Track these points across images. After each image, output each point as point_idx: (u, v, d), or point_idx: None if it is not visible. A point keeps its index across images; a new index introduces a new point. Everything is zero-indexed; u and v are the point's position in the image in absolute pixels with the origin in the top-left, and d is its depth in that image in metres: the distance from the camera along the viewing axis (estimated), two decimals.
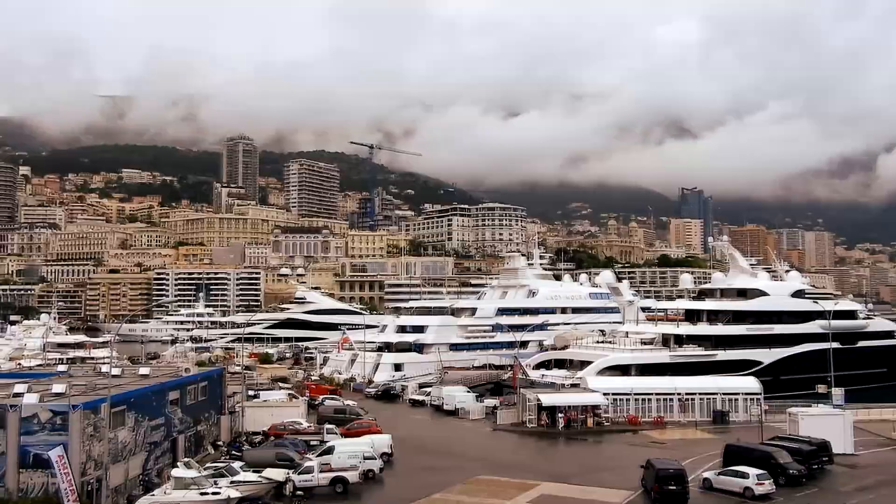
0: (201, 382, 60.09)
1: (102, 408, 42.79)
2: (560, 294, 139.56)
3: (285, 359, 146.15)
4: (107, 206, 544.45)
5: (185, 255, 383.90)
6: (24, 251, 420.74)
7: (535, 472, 53.21)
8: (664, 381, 78.23)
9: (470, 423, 75.49)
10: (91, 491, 41.19)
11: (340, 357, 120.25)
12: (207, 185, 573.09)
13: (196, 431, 57.38)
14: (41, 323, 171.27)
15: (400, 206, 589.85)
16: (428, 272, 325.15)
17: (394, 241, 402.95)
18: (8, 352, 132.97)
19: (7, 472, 39.68)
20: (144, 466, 47.67)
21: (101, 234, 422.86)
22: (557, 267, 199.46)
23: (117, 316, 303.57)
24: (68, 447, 39.77)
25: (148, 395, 50.08)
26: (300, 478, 47.89)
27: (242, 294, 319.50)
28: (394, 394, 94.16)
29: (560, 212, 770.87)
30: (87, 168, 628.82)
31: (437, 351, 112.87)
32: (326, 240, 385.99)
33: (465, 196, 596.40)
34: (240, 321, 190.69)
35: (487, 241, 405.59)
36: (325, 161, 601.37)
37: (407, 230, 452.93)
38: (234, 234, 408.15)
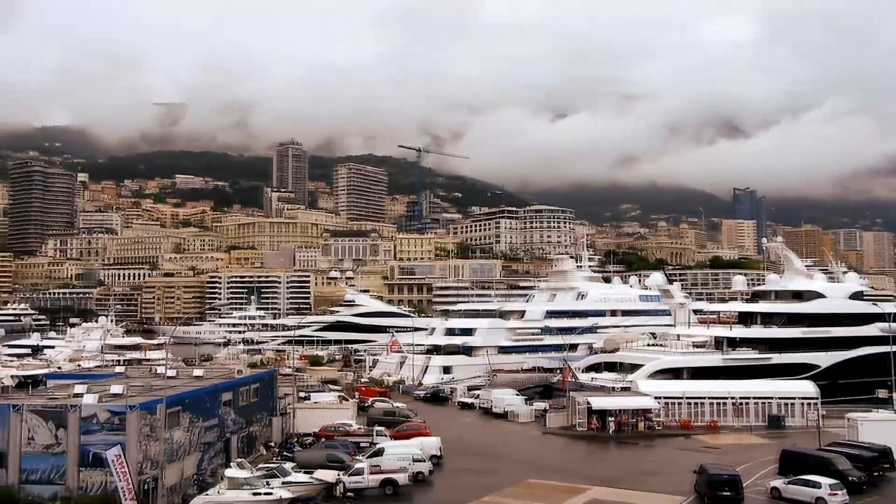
0: (253, 384, 60.89)
1: (158, 408, 43.62)
2: (610, 296, 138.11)
3: (335, 361, 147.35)
4: (161, 211, 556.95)
5: (237, 258, 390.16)
6: (82, 256, 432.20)
7: (585, 477, 52.74)
8: (717, 385, 76.82)
9: (519, 427, 75.17)
10: (147, 490, 42.00)
11: (389, 359, 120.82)
12: (258, 189, 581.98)
13: (248, 432, 58.15)
14: (99, 325, 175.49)
15: (447, 208, 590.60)
16: (476, 275, 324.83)
17: (442, 243, 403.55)
18: (68, 353, 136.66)
19: (68, 470, 40.71)
20: (199, 466, 48.44)
21: (155, 239, 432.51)
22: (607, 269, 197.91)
23: (172, 318, 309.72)
24: (126, 447, 40.60)
25: (202, 396, 50.88)
26: (350, 479, 48.23)
27: (293, 297, 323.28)
28: (443, 396, 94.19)
29: (609, 213, 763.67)
30: (142, 174, 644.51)
31: (486, 354, 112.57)
32: (375, 243, 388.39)
33: (512, 198, 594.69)
34: (290, 324, 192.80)
35: (535, 244, 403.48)
36: (373, 165, 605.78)
37: (455, 233, 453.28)
38: (285, 237, 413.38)
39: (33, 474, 40.63)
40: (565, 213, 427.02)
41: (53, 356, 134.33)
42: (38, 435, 40.95)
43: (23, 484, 40.30)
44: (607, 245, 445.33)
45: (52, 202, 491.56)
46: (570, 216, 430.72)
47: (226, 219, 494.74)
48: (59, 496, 39.97)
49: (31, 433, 40.96)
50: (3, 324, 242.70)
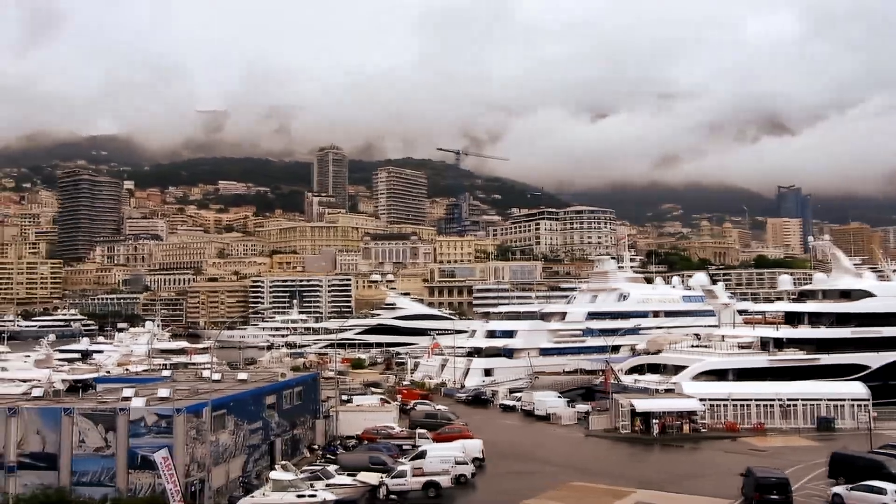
0: (297, 387, 61.43)
1: (204, 412, 44.25)
2: (652, 297, 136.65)
3: (377, 364, 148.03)
4: (205, 216, 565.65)
5: (279, 263, 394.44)
6: (129, 262, 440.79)
7: (629, 480, 52.24)
8: (764, 387, 75.52)
9: (561, 429, 74.76)
10: (194, 492, 42.61)
11: (431, 362, 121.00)
12: (299, 194, 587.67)
13: (292, 435, 58.69)
14: (146, 330, 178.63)
15: (487, 210, 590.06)
16: (516, 277, 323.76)
17: (482, 246, 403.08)
18: (116, 357, 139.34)
19: (117, 472, 41.51)
20: (244, 469, 49.02)
21: (199, 245, 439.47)
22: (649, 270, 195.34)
23: (216, 323, 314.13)
24: (173, 449, 41.28)
25: (246, 399, 51.48)
26: (393, 482, 48.43)
27: (334, 300, 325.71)
28: (484, 399, 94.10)
29: (650, 213, 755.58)
30: (186, 181, 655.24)
31: (527, 356, 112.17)
32: (415, 246, 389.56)
33: (552, 199, 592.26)
34: (332, 327, 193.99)
35: (576, 245, 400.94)
36: (412, 168, 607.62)
37: (494, 235, 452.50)
38: (326, 241, 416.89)
39: (84, 476, 41.48)
40: (606, 214, 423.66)
41: (102, 360, 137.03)
42: (89, 438, 41.80)
43: (74, 486, 41.18)
44: (649, 245, 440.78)
45: (100, 210, 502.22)
46: (610, 217, 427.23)
47: (268, 224, 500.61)
48: (110, 498, 40.73)
49: (82, 436, 41.83)
50: (54, 329, 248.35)
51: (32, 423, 42.23)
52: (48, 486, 40.93)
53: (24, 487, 41.21)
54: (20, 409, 43.06)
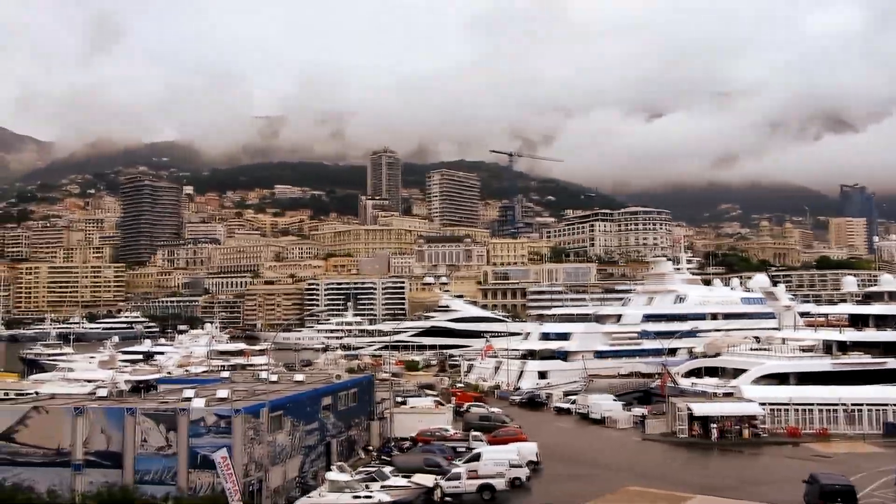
0: (352, 389, 61.93)
1: (262, 412, 44.89)
2: (710, 299, 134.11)
3: (431, 366, 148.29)
4: (262, 220, 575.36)
5: (334, 265, 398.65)
6: (189, 265, 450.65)
7: (687, 485, 51.33)
8: (828, 391, 73.40)
9: (617, 433, 73.90)
10: (253, 491, 43.25)
11: (485, 364, 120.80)
12: (354, 197, 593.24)
13: (348, 436, 59.18)
14: (205, 332, 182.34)
15: (541, 212, 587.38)
16: (570, 279, 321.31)
17: (535, 247, 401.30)
18: (177, 359, 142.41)
19: (178, 471, 42.37)
20: (301, 469, 49.58)
21: (256, 248, 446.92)
22: (706, 271, 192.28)
23: (273, 325, 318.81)
24: (232, 449, 41.95)
25: (303, 400, 52.05)
26: (448, 484, 48.45)
27: (388, 303, 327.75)
28: (539, 401, 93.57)
29: (708, 214, 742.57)
30: (243, 185, 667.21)
31: (582, 358, 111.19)
32: (468, 248, 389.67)
33: (607, 201, 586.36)
34: (387, 329, 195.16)
35: (631, 246, 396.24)
36: (465, 170, 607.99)
37: (548, 237, 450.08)
38: (380, 244, 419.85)
39: (147, 475, 42.42)
40: (662, 215, 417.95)
41: (164, 362, 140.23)
42: (151, 437, 42.75)
43: (137, 484, 42.16)
44: (706, 246, 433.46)
45: (161, 214, 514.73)
46: (666, 217, 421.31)
47: (323, 227, 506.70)
48: (171, 496, 41.57)
49: (145, 435, 42.79)
50: (117, 331, 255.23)
51: (97, 423, 43.38)
52: (113, 483, 41.98)
53: (90, 485, 42.36)
54: (86, 408, 44.27)
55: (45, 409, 44.85)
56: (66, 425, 43.51)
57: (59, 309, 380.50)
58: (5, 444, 43.73)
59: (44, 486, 42.57)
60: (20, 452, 43.54)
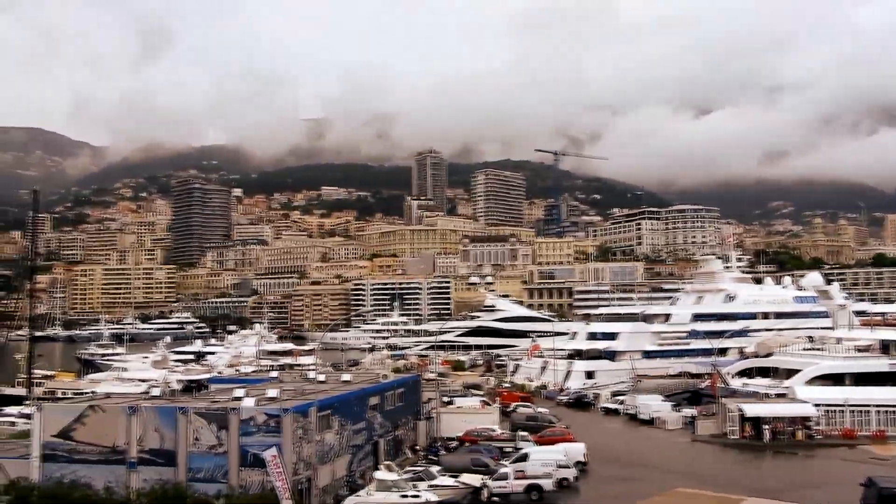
0: (398, 388, 62.20)
1: (310, 412, 45.36)
2: (761, 298, 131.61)
3: (477, 366, 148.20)
4: (308, 222, 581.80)
5: (379, 266, 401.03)
6: (237, 266, 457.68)
7: (739, 487, 50.46)
8: (885, 392, 71.47)
9: (666, 434, 72.98)
10: (302, 490, 43.73)
11: (531, 364, 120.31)
12: (399, 198, 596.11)
13: (395, 436, 59.45)
14: (254, 332, 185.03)
15: (587, 211, 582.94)
16: (617, 278, 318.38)
17: (581, 247, 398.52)
18: (227, 359, 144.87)
19: (230, 469, 43.04)
20: (349, 468, 49.96)
21: (303, 249, 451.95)
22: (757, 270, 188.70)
23: (320, 325, 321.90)
24: (281, 448, 42.47)
25: (351, 400, 52.45)
26: (495, 484, 48.38)
27: (434, 303, 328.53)
28: (586, 402, 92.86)
29: (758, 211, 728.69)
30: (290, 187, 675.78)
31: (630, 358, 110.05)
32: (514, 248, 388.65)
33: (654, 199, 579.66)
34: (432, 329, 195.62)
35: (679, 245, 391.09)
36: (510, 170, 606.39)
37: (594, 236, 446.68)
38: (425, 244, 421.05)
39: (199, 472, 43.16)
40: (710, 213, 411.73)
41: (214, 362, 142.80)
42: (203, 436, 43.48)
43: (190, 482, 42.94)
44: (757, 245, 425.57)
45: (211, 217, 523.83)
46: (715, 215, 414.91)
47: (368, 228, 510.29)
48: (223, 494, 42.24)
49: (197, 434, 43.54)
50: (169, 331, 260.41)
51: (151, 421, 44.28)
52: (166, 481, 42.80)
53: (145, 482, 43.26)
54: (140, 407, 45.24)
55: (101, 408, 45.94)
56: (121, 424, 44.50)
57: (113, 310, 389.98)
58: (63, 442, 44.91)
59: (100, 483, 43.60)
60: (77, 450, 44.69)
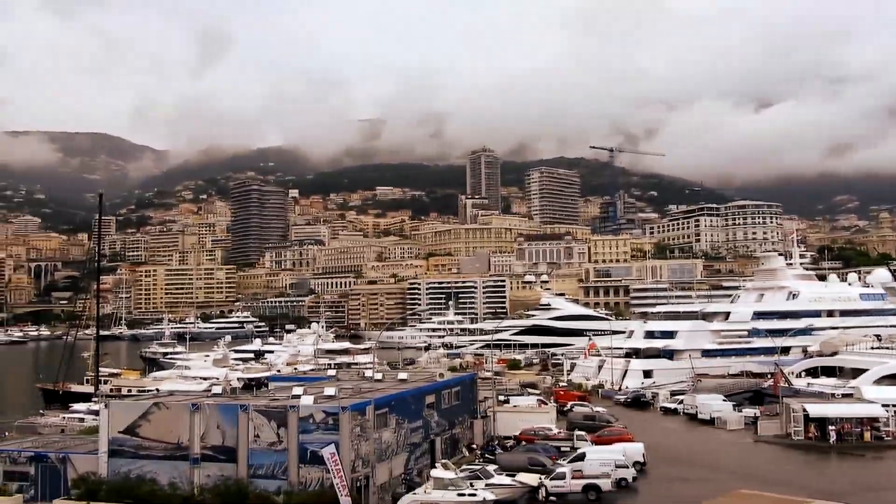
0: (455, 387, 62.31)
1: (368, 410, 45.79)
2: (825, 296, 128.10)
3: (533, 365, 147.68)
4: (364, 221, 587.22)
5: (434, 265, 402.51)
6: (295, 266, 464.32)
7: (804, 489, 49.16)
8: None
9: (727, 434, 71.56)
10: (360, 487, 44.18)
11: (588, 363, 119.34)
12: (453, 197, 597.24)
13: (451, 434, 59.58)
14: (312, 331, 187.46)
15: (643, 208, 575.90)
16: (675, 275, 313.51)
17: (638, 244, 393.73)
18: (285, 357, 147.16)
19: (289, 466, 43.73)
20: (406, 466, 50.27)
21: (359, 249, 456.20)
22: (821, 266, 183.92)
23: (376, 324, 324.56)
24: (339, 445, 42.96)
25: (407, 398, 52.73)
26: (552, 483, 48.09)
27: (489, 301, 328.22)
28: (644, 401, 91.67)
29: (821, 206, 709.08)
30: (346, 188, 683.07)
31: (689, 357, 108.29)
32: (569, 246, 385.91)
33: (712, 195, 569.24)
34: (488, 328, 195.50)
35: (739, 241, 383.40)
36: (565, 167, 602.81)
37: (651, 233, 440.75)
38: (480, 243, 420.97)
39: (260, 469, 43.96)
40: (772, 208, 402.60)
41: (273, 360, 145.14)
42: (263, 433, 44.26)
43: (251, 478, 43.75)
44: (820, 240, 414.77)
45: (268, 217, 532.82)
46: (777, 211, 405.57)
47: (423, 227, 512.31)
48: (283, 490, 42.93)
49: (257, 431, 44.34)
50: (229, 331, 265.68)
51: (213, 419, 45.24)
52: (228, 477, 43.68)
53: (207, 478, 44.23)
54: (202, 405, 46.26)
55: (165, 406, 47.13)
56: (184, 421, 45.56)
57: (176, 309, 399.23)
58: (129, 438, 46.20)
59: (165, 478, 44.71)
60: (143, 446, 45.91)
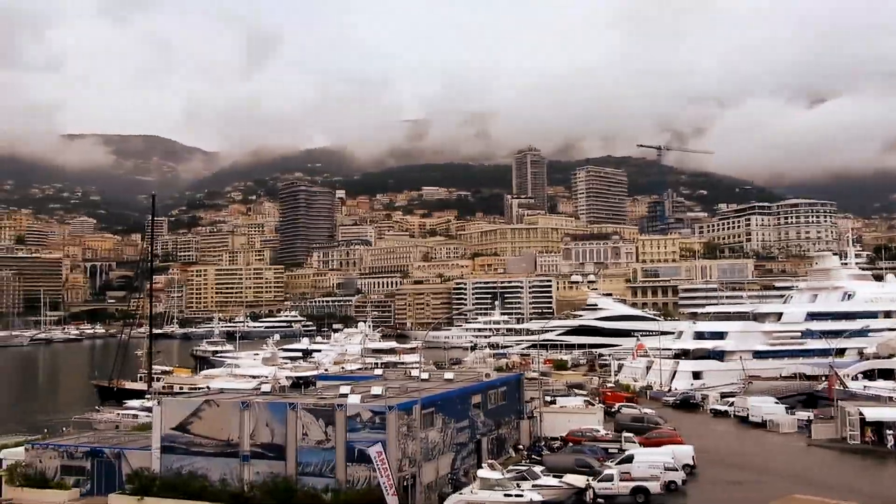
0: (501, 387, 62.22)
1: (414, 409, 45.96)
2: (882, 296, 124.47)
3: (580, 365, 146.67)
4: (410, 222, 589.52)
5: (480, 265, 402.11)
6: (342, 266, 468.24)
7: (860, 495, 47.95)
8: None
9: (780, 437, 70.15)
10: (406, 486, 44.35)
11: (635, 364, 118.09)
12: (499, 197, 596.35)
13: (498, 434, 59.47)
14: (359, 331, 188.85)
15: (692, 207, 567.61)
16: (725, 275, 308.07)
17: (686, 244, 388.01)
18: (333, 356, 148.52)
19: (337, 464, 44.12)
20: (452, 466, 50.32)
21: (405, 249, 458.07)
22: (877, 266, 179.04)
23: (422, 324, 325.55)
24: (386, 444, 43.20)
25: (454, 398, 52.79)
26: (600, 485, 47.67)
27: (535, 301, 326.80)
28: (693, 403, 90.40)
29: (878, 204, 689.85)
30: (392, 188, 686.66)
31: (740, 359, 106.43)
32: (616, 245, 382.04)
33: (764, 193, 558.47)
34: (534, 328, 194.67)
35: (792, 241, 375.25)
36: (612, 166, 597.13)
37: (700, 232, 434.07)
38: (526, 243, 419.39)
39: (308, 467, 44.45)
40: (826, 206, 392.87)
41: (321, 359, 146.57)
42: (311, 431, 44.73)
43: (299, 475, 44.27)
44: (877, 239, 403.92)
45: (316, 218, 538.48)
46: (831, 209, 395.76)
47: (469, 227, 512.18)
48: (331, 488, 43.34)
49: (305, 429, 44.83)
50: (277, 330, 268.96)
51: (262, 416, 45.88)
52: (277, 474, 44.28)
53: (257, 475, 44.90)
54: (252, 403, 46.96)
55: (216, 403, 47.94)
56: (234, 418, 46.30)
57: (226, 309, 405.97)
58: (181, 435, 47.11)
59: (215, 474, 45.51)
60: (194, 442, 46.79)
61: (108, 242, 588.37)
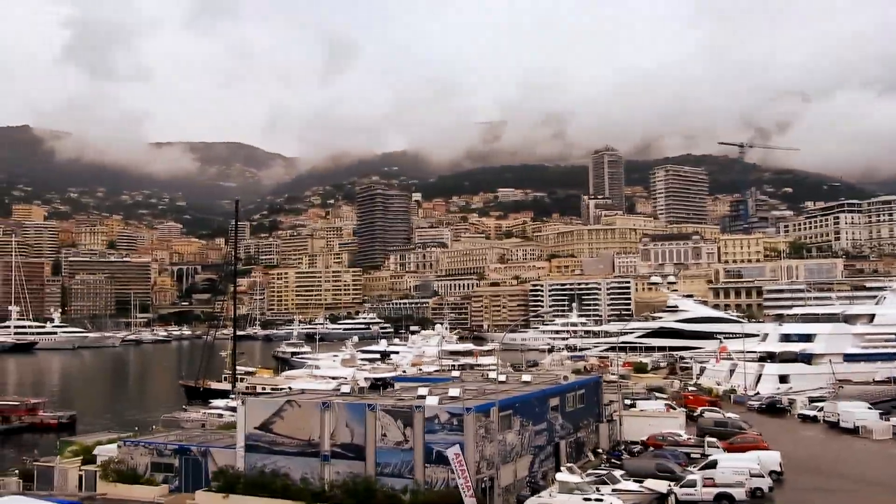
0: (579, 390, 61.54)
1: (492, 411, 45.86)
2: None
3: (660, 368, 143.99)
4: (486, 224, 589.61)
5: (557, 266, 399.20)
6: (419, 268, 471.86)
7: None
8: None
9: (873, 444, 67.28)
10: (484, 489, 44.27)
11: (718, 367, 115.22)
12: (576, 198, 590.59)
13: (576, 438, 58.84)
14: (436, 333, 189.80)
15: (776, 205, 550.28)
16: (812, 276, 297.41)
17: (771, 243, 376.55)
18: (410, 358, 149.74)
19: (415, 465, 44.38)
20: (530, 469, 50.00)
21: (482, 251, 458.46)
22: None
23: (498, 326, 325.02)
24: (464, 446, 43.22)
25: (531, 401, 52.45)
26: (682, 491, 46.66)
27: (613, 303, 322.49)
28: (780, 408, 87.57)
29: None
30: (467, 190, 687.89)
31: (829, 362, 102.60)
32: (697, 246, 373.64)
33: (853, 190, 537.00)
34: (612, 330, 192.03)
35: (885, 239, 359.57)
36: (691, 165, 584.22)
37: (786, 231, 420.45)
38: (603, 244, 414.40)
39: (386, 467, 44.83)
40: None
41: (398, 361, 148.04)
42: (390, 432, 45.11)
43: (378, 476, 44.72)
44: None
45: (392, 221, 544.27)
46: None
47: (545, 228, 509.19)
48: (409, 489, 43.60)
49: (384, 430, 45.24)
50: (356, 331, 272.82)
51: (342, 417, 46.50)
52: (356, 474, 44.81)
53: (337, 475, 45.53)
54: (332, 403, 47.68)
55: (297, 403, 48.82)
56: (314, 418, 47.05)
57: (306, 311, 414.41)
58: (264, 434, 48.18)
59: (297, 473, 46.36)
60: (276, 442, 47.76)
61: (193, 246, 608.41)
